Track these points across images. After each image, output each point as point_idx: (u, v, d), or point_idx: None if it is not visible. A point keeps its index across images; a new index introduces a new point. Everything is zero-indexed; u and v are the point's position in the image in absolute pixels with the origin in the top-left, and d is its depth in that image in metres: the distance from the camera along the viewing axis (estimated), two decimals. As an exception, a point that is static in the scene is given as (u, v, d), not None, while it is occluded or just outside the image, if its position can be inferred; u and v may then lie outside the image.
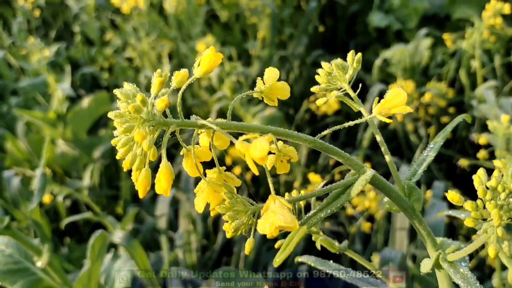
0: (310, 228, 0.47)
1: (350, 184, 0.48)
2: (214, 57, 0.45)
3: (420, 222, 0.51)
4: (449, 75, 2.70)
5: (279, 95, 0.50)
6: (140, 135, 0.38)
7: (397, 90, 0.45)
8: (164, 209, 1.79)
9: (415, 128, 2.51)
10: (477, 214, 0.40)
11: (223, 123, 0.43)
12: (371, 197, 1.93)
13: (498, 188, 0.39)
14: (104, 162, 2.53)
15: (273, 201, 0.42)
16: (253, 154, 0.38)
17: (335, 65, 0.53)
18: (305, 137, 0.47)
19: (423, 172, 1.69)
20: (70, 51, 3.57)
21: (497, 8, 2.41)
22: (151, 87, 0.43)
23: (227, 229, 0.45)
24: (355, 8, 3.42)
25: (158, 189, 0.43)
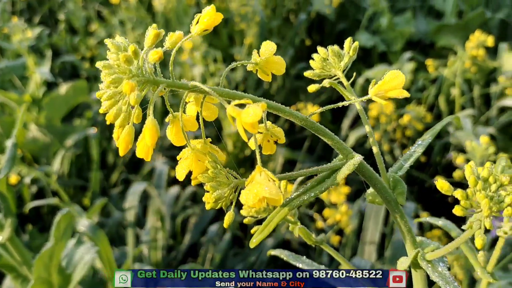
0: (292, 209, 0.46)
1: (337, 169, 0.47)
2: (214, 15, 0.43)
3: (402, 216, 0.51)
4: (428, 100, 2.74)
5: (274, 69, 0.49)
6: (128, 86, 0.37)
7: (395, 72, 0.45)
8: (134, 202, 1.75)
9: (391, 149, 2.53)
10: (466, 203, 0.39)
11: (216, 88, 0.41)
12: (343, 211, 1.93)
13: (490, 179, 0.39)
14: (76, 151, 2.48)
15: (259, 172, 0.41)
16: (245, 118, 0.36)
17: (331, 51, 0.52)
18: (296, 113, 0.46)
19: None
20: (52, 38, 3.50)
21: (480, 40, 2.47)
22: (145, 41, 0.41)
23: (207, 199, 0.44)
24: (343, 26, 3.46)
25: (140, 150, 0.41)
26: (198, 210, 2.18)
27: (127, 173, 2.48)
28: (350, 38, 0.51)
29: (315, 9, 3.23)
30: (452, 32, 3.08)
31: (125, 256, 1.83)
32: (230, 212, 0.44)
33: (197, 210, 2.18)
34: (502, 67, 2.78)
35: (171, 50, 0.45)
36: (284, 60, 2.01)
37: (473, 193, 0.39)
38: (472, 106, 2.71)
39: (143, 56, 0.40)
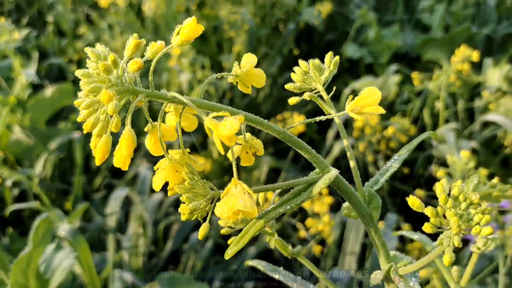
0: (267, 221, 0.46)
1: (313, 182, 0.48)
2: (195, 27, 0.44)
3: (376, 231, 0.51)
4: (413, 113, 2.77)
5: (254, 82, 0.49)
6: (106, 95, 0.37)
7: (372, 89, 0.45)
8: (116, 207, 1.74)
9: (375, 160, 2.55)
10: (436, 220, 0.40)
11: (194, 99, 0.41)
12: (325, 221, 1.94)
13: (460, 197, 0.39)
14: (59, 155, 2.46)
15: (234, 185, 0.41)
16: (221, 132, 0.36)
17: (312, 64, 0.52)
18: (275, 127, 0.46)
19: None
20: (40, 40, 3.48)
21: (466, 55, 2.51)
22: (125, 50, 0.41)
23: (183, 210, 0.44)
24: (331, 37, 3.49)
25: (117, 160, 0.41)
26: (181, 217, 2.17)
27: (111, 178, 2.46)
28: (331, 52, 0.52)
29: (304, 20, 3.26)
30: (438, 46, 3.12)
31: (105, 262, 1.81)
32: (205, 224, 0.44)
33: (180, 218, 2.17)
34: (486, 82, 2.82)
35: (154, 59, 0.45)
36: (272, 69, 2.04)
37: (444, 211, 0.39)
38: (456, 119, 2.75)
39: (123, 65, 0.40)
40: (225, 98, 2.90)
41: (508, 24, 3.46)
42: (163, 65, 2.97)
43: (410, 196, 0.41)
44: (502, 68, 2.79)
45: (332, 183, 0.48)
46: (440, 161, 2.39)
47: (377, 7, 3.84)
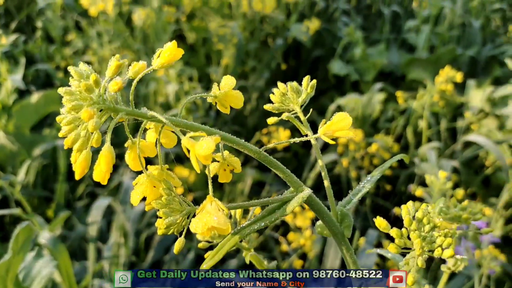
0: (242, 237, 0.47)
1: (287, 201, 0.49)
2: (175, 51, 0.45)
3: (348, 249, 0.53)
4: (396, 131, 2.81)
5: (233, 103, 0.51)
6: (87, 114, 0.38)
7: (343, 114, 0.47)
8: (98, 216, 1.73)
9: (358, 176, 2.58)
10: (400, 242, 0.41)
11: (172, 118, 0.43)
12: (307, 236, 1.96)
13: (424, 220, 0.41)
14: (43, 162, 2.44)
15: (209, 202, 0.43)
16: (198, 151, 0.38)
17: (290, 87, 0.54)
18: (251, 147, 0.48)
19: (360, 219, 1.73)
20: (28, 45, 3.47)
21: (449, 75, 2.56)
22: (107, 70, 0.42)
23: (159, 225, 0.45)
24: (319, 53, 3.54)
25: (96, 175, 0.42)
26: (163, 227, 2.17)
27: (94, 187, 2.45)
28: (308, 76, 0.54)
29: (292, 35, 3.30)
30: (423, 66, 3.18)
31: (85, 271, 1.80)
32: (181, 238, 0.46)
33: (163, 228, 2.17)
34: (469, 103, 2.88)
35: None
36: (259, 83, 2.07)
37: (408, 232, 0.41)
38: (438, 139, 2.79)
39: (105, 84, 0.42)
40: (212, 110, 2.91)
41: (492, 47, 3.54)
42: (151, 75, 2.99)
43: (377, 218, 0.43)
44: (485, 89, 2.85)
45: (305, 202, 0.50)
46: (422, 179, 2.42)
47: (364, 25, 3.91)
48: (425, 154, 2.56)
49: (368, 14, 4.04)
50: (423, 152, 2.60)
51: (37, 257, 1.07)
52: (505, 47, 3.39)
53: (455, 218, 0.56)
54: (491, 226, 2.37)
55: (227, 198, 2.37)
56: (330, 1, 3.84)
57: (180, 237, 0.46)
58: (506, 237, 2.46)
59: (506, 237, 2.46)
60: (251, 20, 3.37)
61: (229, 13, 3.51)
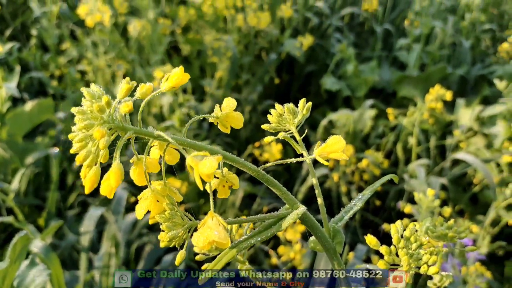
0: (240, 251, 0.50)
1: (282, 217, 0.52)
2: (182, 76, 0.48)
3: (339, 264, 0.55)
4: (387, 147, 2.85)
5: (233, 123, 0.54)
6: (99, 133, 0.41)
7: (337, 137, 0.50)
8: (90, 227, 1.74)
9: (348, 191, 2.61)
10: (389, 258, 0.44)
11: (177, 138, 0.46)
12: (297, 249, 1.98)
13: (411, 238, 0.44)
14: (35, 170, 2.45)
15: (211, 217, 0.45)
16: (201, 169, 0.41)
17: (287, 108, 0.57)
18: (250, 165, 0.51)
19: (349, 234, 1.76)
20: (22, 53, 3.48)
21: (440, 94, 2.61)
22: (118, 92, 0.45)
23: (162, 238, 0.47)
24: (311, 68, 3.59)
25: (104, 189, 0.45)
26: (154, 238, 2.19)
27: (85, 196, 2.46)
28: (304, 99, 0.57)
29: (286, 50, 3.35)
30: (414, 83, 3.23)
31: (76, 281, 1.80)
32: (182, 251, 0.48)
33: (153, 239, 2.18)
34: (458, 121, 2.93)
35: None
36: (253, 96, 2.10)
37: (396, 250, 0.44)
38: (428, 156, 2.84)
39: (115, 105, 0.44)
40: (205, 122, 2.94)
41: (482, 67, 3.61)
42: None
43: (368, 235, 0.45)
44: (474, 108, 2.90)
45: (300, 219, 0.52)
46: (411, 195, 2.46)
47: (357, 43, 3.97)
48: (414, 171, 2.59)
49: (361, 32, 4.11)
50: (412, 169, 2.64)
51: (31, 266, 1.08)
52: (494, 67, 3.45)
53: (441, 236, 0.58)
54: (478, 243, 2.40)
55: (218, 210, 2.39)
56: (323, 18, 3.90)
57: (181, 250, 0.48)
58: (492, 255, 2.50)
59: (492, 255, 2.50)
60: (245, 34, 3.41)
61: (224, 26, 3.55)
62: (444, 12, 4.10)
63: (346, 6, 4.04)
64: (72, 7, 3.82)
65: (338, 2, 4.01)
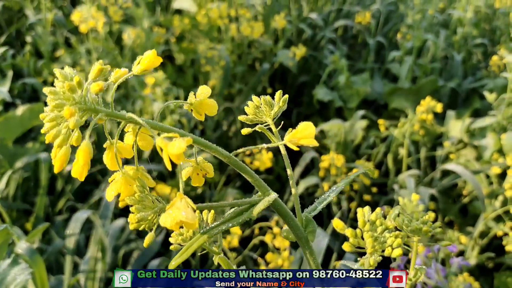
0: (211, 237, 0.50)
1: (254, 203, 0.52)
2: (154, 58, 0.49)
3: (311, 253, 0.56)
4: (377, 157, 2.86)
5: (207, 111, 0.54)
6: (68, 111, 0.41)
7: (307, 123, 0.51)
8: (76, 229, 1.74)
9: (338, 200, 2.61)
10: (355, 241, 0.44)
11: (149, 121, 0.46)
12: (285, 256, 1.98)
13: (377, 222, 0.44)
14: (24, 174, 2.44)
15: (179, 199, 0.45)
16: (170, 150, 0.41)
17: (264, 100, 0.58)
18: (221, 151, 0.51)
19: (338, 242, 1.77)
20: (16, 59, 3.49)
21: (430, 105, 2.63)
22: (90, 73, 0.46)
23: (131, 220, 0.48)
24: (304, 79, 3.61)
25: (74, 171, 0.45)
26: (142, 244, 2.18)
27: (75, 201, 2.45)
28: (280, 91, 0.57)
29: (279, 60, 3.37)
30: (405, 95, 3.26)
31: (61, 285, 1.79)
32: (151, 233, 0.48)
33: (141, 245, 2.18)
34: (449, 133, 2.95)
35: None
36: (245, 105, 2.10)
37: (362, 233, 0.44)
38: (418, 167, 2.85)
39: (87, 87, 0.45)
40: (197, 130, 2.94)
41: (473, 80, 3.64)
42: (137, 93, 3.02)
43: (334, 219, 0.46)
44: (464, 120, 2.92)
45: (272, 206, 0.53)
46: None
47: (350, 54, 4.00)
48: (404, 181, 2.60)
49: (354, 44, 4.15)
50: (402, 179, 2.65)
51: (13, 265, 1.07)
52: (486, 80, 3.49)
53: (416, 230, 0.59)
54: (467, 254, 2.40)
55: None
56: (317, 30, 3.94)
57: (151, 232, 0.48)
58: (482, 266, 2.50)
59: (482, 266, 2.50)
60: (239, 44, 3.43)
61: (218, 36, 3.58)
62: (437, 26, 4.15)
63: (340, 18, 4.08)
64: (67, 15, 3.83)
65: (332, 14, 4.05)
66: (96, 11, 2.87)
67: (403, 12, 4.20)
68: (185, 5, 3.61)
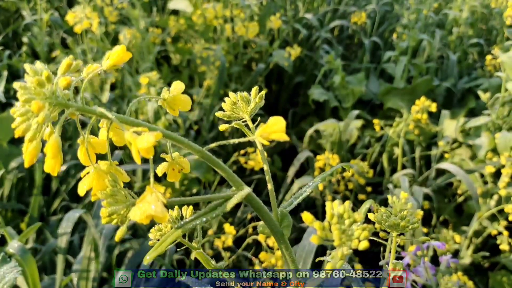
0: (185, 231, 0.50)
1: (228, 198, 0.53)
2: (123, 53, 0.49)
3: (287, 248, 0.56)
4: (372, 157, 2.87)
5: (181, 106, 0.55)
6: (36, 105, 0.41)
7: (277, 118, 0.51)
8: (68, 228, 1.74)
9: (333, 200, 2.61)
10: (323, 234, 0.45)
11: (119, 115, 0.46)
12: (278, 255, 1.98)
13: (344, 215, 0.45)
14: (19, 174, 2.44)
15: (150, 193, 0.46)
16: (139, 144, 0.41)
17: (240, 96, 0.58)
18: (194, 145, 0.52)
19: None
20: (12, 60, 3.49)
21: (425, 105, 2.62)
22: (59, 68, 0.46)
23: (102, 214, 0.48)
24: (300, 78, 3.61)
25: (46, 166, 0.46)
26: (136, 244, 2.18)
27: (69, 202, 2.45)
28: (257, 87, 0.58)
29: (274, 60, 3.37)
30: (400, 95, 3.26)
31: (53, 285, 1.79)
32: (123, 227, 0.49)
33: (136, 245, 2.18)
34: (443, 132, 2.95)
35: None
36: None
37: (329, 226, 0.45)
38: (413, 166, 2.85)
39: (56, 80, 0.45)
40: (192, 130, 2.95)
41: (468, 80, 3.64)
42: (133, 93, 3.02)
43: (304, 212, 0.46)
44: (458, 120, 2.93)
45: (245, 200, 0.53)
46: (394, 205, 2.46)
47: (345, 54, 4.01)
48: (399, 181, 2.61)
49: (349, 44, 4.15)
50: (397, 179, 2.65)
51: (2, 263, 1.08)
52: (481, 80, 3.49)
53: (394, 225, 0.59)
54: (462, 253, 2.41)
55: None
56: (313, 30, 3.94)
57: (122, 226, 0.49)
58: (477, 266, 2.50)
59: (477, 266, 2.50)
60: (235, 44, 3.44)
61: (213, 36, 3.58)
62: (432, 26, 4.15)
63: (335, 19, 4.08)
64: (63, 16, 3.84)
65: (328, 14, 4.06)
66: (91, 11, 2.87)
67: (398, 13, 4.20)
68: (181, 5, 3.62)
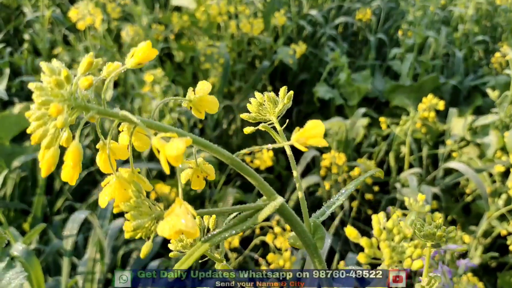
0: (212, 245, 0.47)
1: (259, 209, 0.49)
2: (149, 50, 0.45)
3: (320, 262, 0.52)
4: (379, 156, 2.83)
5: (207, 108, 0.51)
6: (56, 109, 0.37)
7: (316, 121, 0.47)
8: (73, 230, 1.70)
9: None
10: (370, 251, 0.41)
11: (145, 119, 0.42)
12: (286, 257, 1.94)
13: (394, 230, 0.41)
14: (21, 174, 2.41)
15: (179, 205, 0.42)
16: (168, 152, 0.37)
17: (267, 97, 0.54)
18: (224, 152, 0.48)
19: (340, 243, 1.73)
20: (14, 57, 3.45)
21: (432, 103, 2.58)
22: (79, 67, 0.42)
23: (126, 228, 0.44)
24: (305, 76, 3.57)
25: (64, 175, 0.42)
26: (141, 245, 2.14)
27: (73, 201, 2.42)
28: (285, 87, 0.54)
29: (279, 58, 3.33)
30: (407, 93, 3.22)
31: (58, 286, 1.76)
32: (148, 242, 0.45)
33: (140, 246, 2.14)
34: (451, 131, 2.91)
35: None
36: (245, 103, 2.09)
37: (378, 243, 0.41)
38: (420, 165, 2.81)
39: (76, 81, 0.41)
40: (196, 128, 2.91)
41: (475, 77, 3.61)
42: (137, 91, 2.98)
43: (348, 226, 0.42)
44: (466, 118, 2.89)
45: (278, 211, 0.49)
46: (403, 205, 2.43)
47: (350, 52, 3.96)
48: (406, 180, 2.57)
49: (354, 41, 4.11)
50: (404, 178, 2.62)
51: (8, 268, 1.04)
52: (487, 78, 3.45)
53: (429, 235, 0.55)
54: (471, 253, 2.37)
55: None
56: (317, 27, 3.90)
57: (148, 241, 0.45)
58: (486, 266, 2.47)
59: (485, 266, 2.47)
60: (239, 41, 3.39)
61: (217, 33, 3.54)
62: (438, 23, 4.11)
63: (340, 15, 4.04)
64: (65, 12, 3.79)
65: (332, 11, 4.01)
66: (94, 8, 2.82)
67: (404, 9, 4.16)
68: (184, 2, 3.57)
